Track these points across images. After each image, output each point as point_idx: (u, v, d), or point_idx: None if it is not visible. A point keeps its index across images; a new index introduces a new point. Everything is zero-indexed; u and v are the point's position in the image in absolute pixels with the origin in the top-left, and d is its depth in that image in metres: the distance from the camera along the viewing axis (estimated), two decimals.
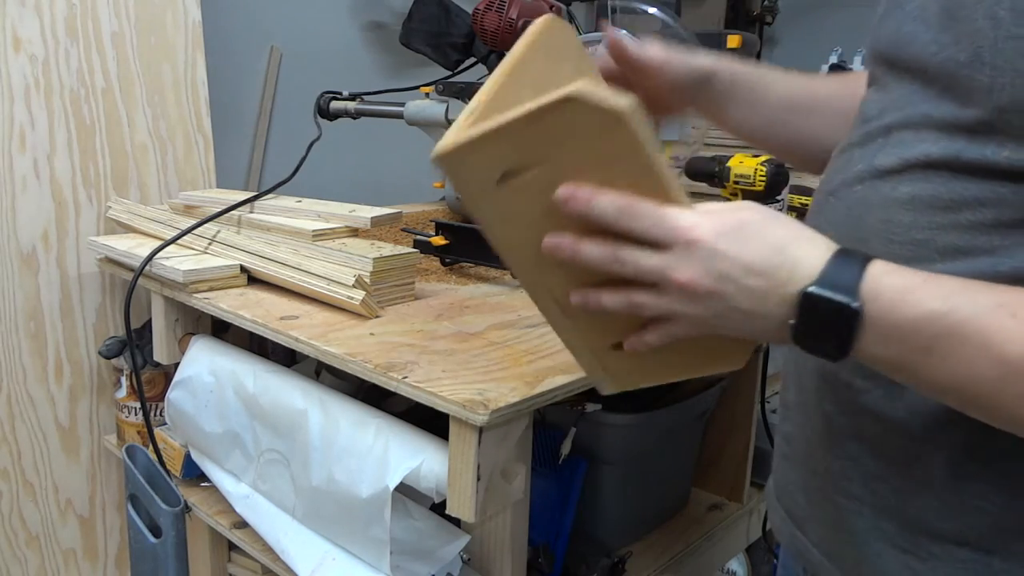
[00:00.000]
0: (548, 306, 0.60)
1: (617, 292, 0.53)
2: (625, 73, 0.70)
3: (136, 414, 1.30)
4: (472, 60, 1.63)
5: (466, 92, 1.34)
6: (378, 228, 1.17)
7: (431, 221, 1.29)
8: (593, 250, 0.51)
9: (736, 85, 0.73)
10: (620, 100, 0.47)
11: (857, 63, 2.23)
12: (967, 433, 0.51)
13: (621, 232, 0.51)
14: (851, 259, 0.48)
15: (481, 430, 0.73)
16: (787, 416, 0.67)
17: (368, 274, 0.98)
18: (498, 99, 0.54)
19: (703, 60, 0.71)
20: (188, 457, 1.15)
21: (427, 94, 1.43)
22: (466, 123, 0.52)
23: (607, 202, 0.50)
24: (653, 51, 0.68)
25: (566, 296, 0.56)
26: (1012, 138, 0.47)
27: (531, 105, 0.48)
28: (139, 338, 1.22)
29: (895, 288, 0.46)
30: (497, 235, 0.57)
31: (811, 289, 0.47)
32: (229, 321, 1.02)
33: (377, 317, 0.98)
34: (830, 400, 0.60)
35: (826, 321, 0.47)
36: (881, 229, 0.54)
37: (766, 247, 0.49)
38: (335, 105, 1.53)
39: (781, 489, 0.69)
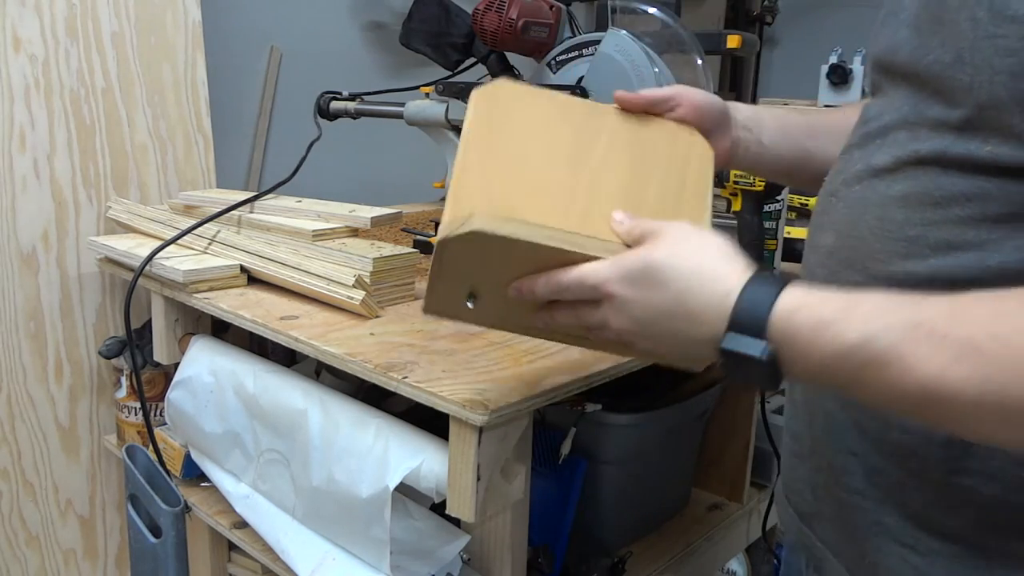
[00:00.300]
0: (580, 344, 0.66)
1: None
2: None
3: (136, 414, 1.30)
4: (472, 60, 1.63)
5: (466, 92, 1.34)
6: (378, 228, 1.17)
7: (431, 221, 1.29)
8: (563, 317, 0.59)
9: (757, 116, 0.74)
10: (470, 223, 0.54)
11: (857, 63, 2.23)
12: None
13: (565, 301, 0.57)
14: (759, 297, 0.49)
15: (481, 430, 0.73)
16: (794, 414, 0.68)
17: (368, 274, 0.98)
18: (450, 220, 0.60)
19: (721, 99, 0.73)
20: (188, 457, 1.15)
21: (427, 94, 1.43)
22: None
23: (541, 286, 0.57)
24: (661, 91, 0.69)
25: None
26: (993, 133, 0.48)
27: (433, 266, 0.59)
28: (139, 338, 1.22)
29: (808, 327, 0.47)
30: (510, 327, 0.68)
31: (723, 346, 0.50)
32: (229, 321, 1.02)
33: (377, 317, 0.98)
34: (831, 396, 0.61)
35: (747, 369, 0.49)
36: (877, 227, 0.55)
37: (669, 295, 0.52)
38: (335, 105, 1.53)
39: (789, 486, 0.70)
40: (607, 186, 0.62)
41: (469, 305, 0.63)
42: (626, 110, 0.68)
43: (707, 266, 0.52)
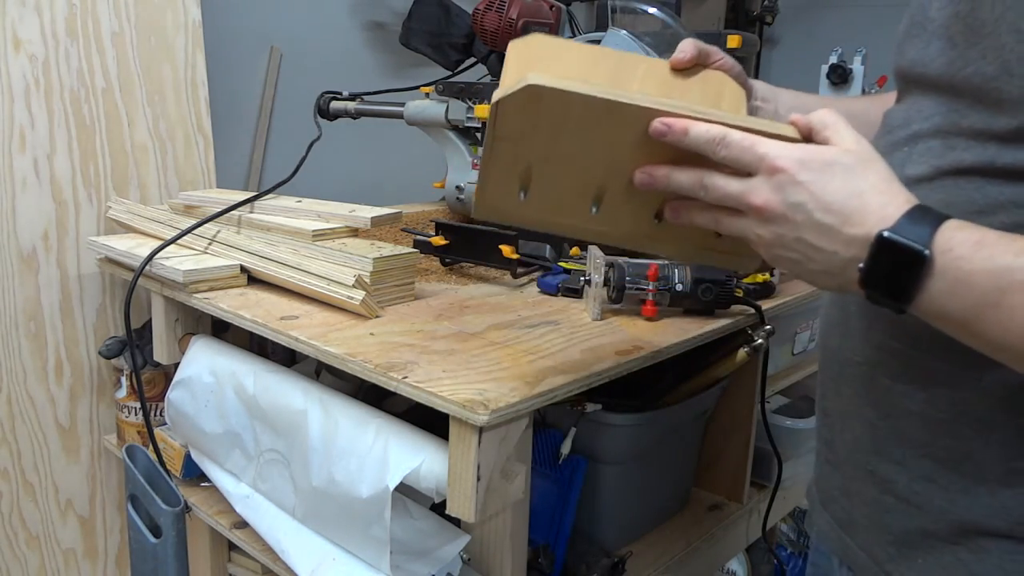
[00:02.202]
0: (646, 241, 0.65)
1: (705, 210, 0.56)
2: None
3: (136, 414, 1.30)
4: (472, 60, 1.63)
5: (466, 92, 1.34)
6: (378, 228, 1.17)
7: (431, 221, 1.29)
8: (683, 178, 0.55)
9: (775, 91, 0.75)
10: (525, 80, 0.54)
11: (857, 63, 2.23)
12: (1020, 429, 0.52)
13: (712, 159, 0.54)
14: (928, 213, 0.49)
15: (481, 430, 0.73)
16: (827, 423, 0.68)
17: (368, 274, 0.98)
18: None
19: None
20: (188, 457, 1.15)
21: (427, 94, 1.43)
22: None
23: (700, 131, 0.53)
24: (709, 46, 0.68)
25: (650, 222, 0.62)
26: None
27: (485, 146, 0.58)
28: (139, 338, 1.22)
29: (967, 242, 0.47)
30: (565, 223, 0.64)
31: (885, 233, 0.48)
32: (229, 321, 1.02)
33: (377, 317, 0.98)
34: (871, 405, 0.61)
35: (895, 265, 0.48)
36: None
37: (845, 189, 0.50)
38: (335, 105, 1.53)
39: (825, 495, 0.70)
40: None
41: (522, 197, 0.61)
42: (680, 68, 0.67)
43: (891, 178, 0.51)
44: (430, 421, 0.82)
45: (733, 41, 1.27)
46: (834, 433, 0.67)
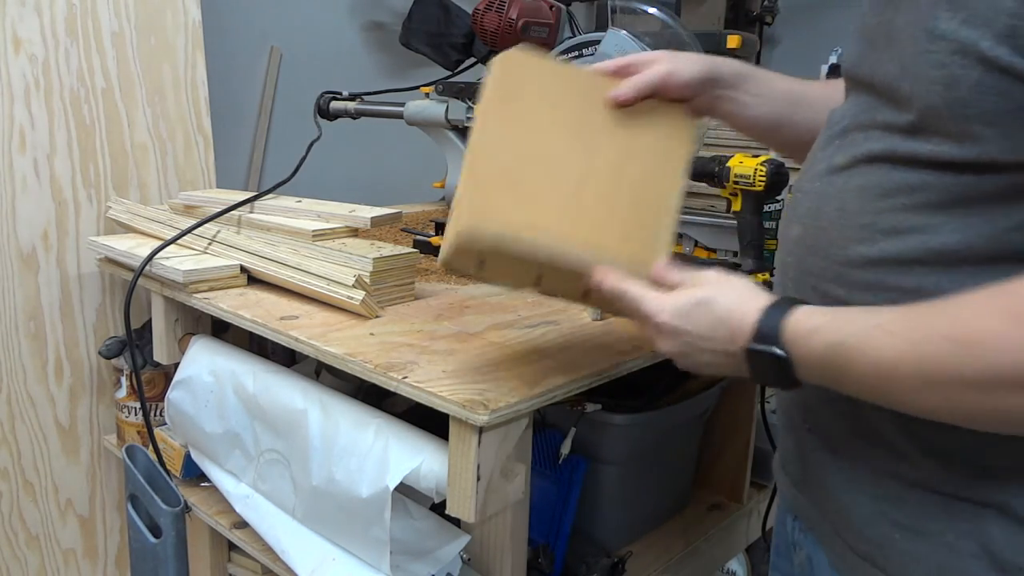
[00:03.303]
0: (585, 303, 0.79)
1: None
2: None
3: (136, 414, 1.30)
4: (472, 60, 1.63)
5: (466, 92, 1.34)
6: (378, 228, 1.17)
7: (431, 221, 1.29)
8: (620, 306, 0.69)
9: (742, 77, 0.79)
10: (490, 234, 0.65)
11: None
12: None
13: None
14: (774, 314, 0.60)
15: (481, 430, 0.73)
16: (782, 393, 0.75)
17: (368, 274, 0.98)
18: (469, 188, 0.69)
19: (708, 58, 0.79)
20: (188, 457, 1.16)
21: (427, 94, 1.43)
22: (448, 229, 0.71)
23: (608, 287, 0.68)
24: (653, 71, 0.75)
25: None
26: (934, 135, 0.56)
27: (444, 252, 0.69)
28: (139, 338, 1.22)
29: (802, 333, 0.58)
30: (511, 287, 0.79)
31: (749, 346, 0.60)
32: (229, 321, 1.02)
33: (377, 317, 0.98)
34: None
35: (767, 368, 0.60)
36: (836, 217, 0.63)
37: (712, 320, 0.63)
38: (335, 105, 1.53)
39: (784, 458, 0.77)
40: (602, 161, 0.71)
41: (477, 269, 0.71)
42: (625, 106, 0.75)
43: (744, 295, 0.63)
44: (430, 421, 0.82)
45: (733, 41, 1.27)
46: (786, 401, 0.75)
